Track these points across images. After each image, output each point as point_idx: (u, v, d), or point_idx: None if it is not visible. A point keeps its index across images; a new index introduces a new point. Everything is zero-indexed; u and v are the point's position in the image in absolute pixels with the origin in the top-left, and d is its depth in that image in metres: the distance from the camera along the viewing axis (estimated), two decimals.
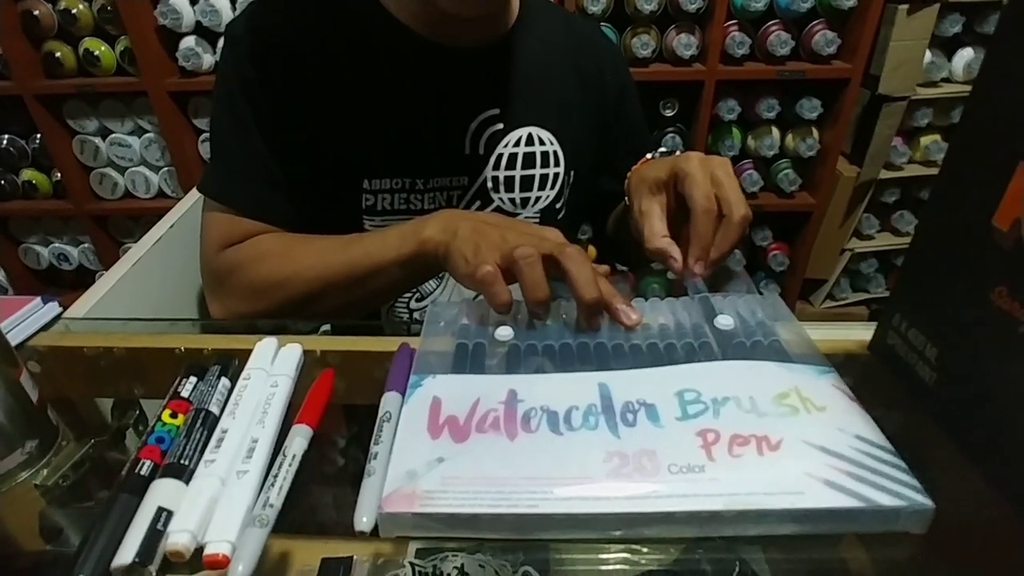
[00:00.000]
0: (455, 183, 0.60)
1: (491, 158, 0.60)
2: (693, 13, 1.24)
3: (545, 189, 0.63)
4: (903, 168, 1.46)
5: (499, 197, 0.62)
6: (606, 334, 0.40)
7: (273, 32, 0.55)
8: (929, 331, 0.36)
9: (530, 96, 0.61)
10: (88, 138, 1.40)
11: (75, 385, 0.46)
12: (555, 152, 0.62)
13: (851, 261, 1.61)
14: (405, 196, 0.59)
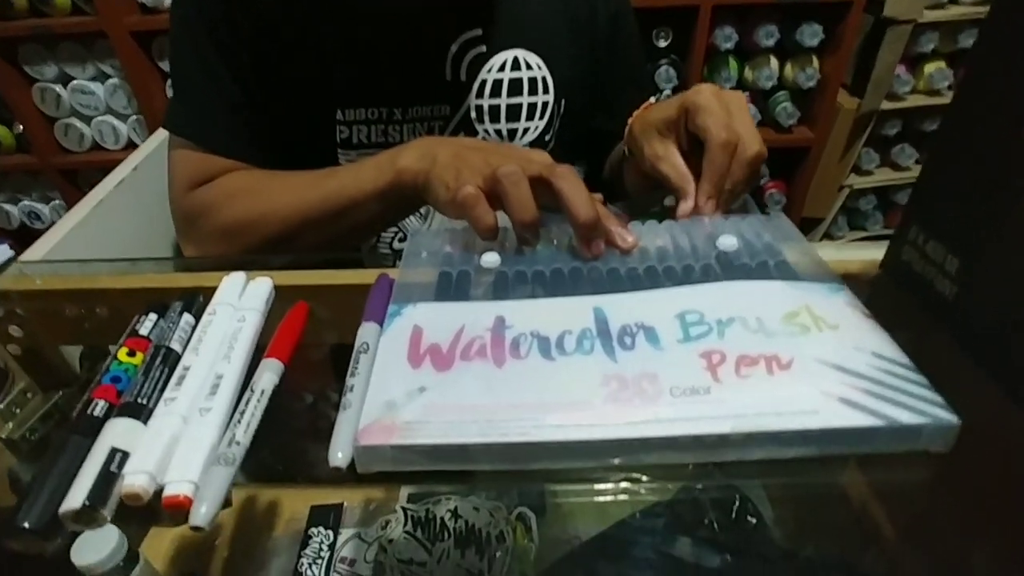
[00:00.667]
0: (436, 112, 0.56)
1: (474, 84, 0.56)
2: None
3: (533, 119, 0.59)
4: (905, 98, 1.40)
5: (484, 128, 0.58)
6: (600, 258, 0.37)
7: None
8: (950, 242, 0.33)
9: (516, 15, 0.56)
10: (48, 86, 1.32)
11: (33, 331, 0.43)
12: (543, 78, 0.58)
13: (849, 198, 1.58)
14: (383, 127, 0.55)
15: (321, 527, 0.49)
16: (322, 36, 0.52)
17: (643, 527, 0.46)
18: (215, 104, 0.53)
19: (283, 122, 0.55)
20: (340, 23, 0.52)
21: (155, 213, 0.62)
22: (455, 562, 0.46)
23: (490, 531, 0.48)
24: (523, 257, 0.38)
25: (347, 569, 0.47)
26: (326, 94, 0.54)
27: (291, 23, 0.52)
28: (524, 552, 0.47)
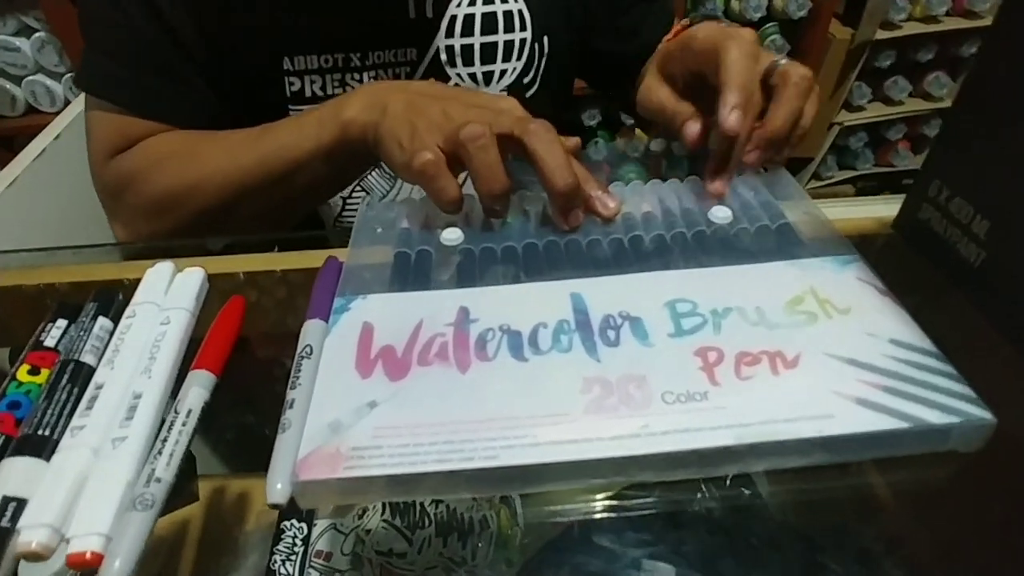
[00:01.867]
0: (401, 57, 0.50)
1: (442, 23, 0.50)
2: None
3: (511, 60, 0.53)
4: (901, 26, 1.32)
5: (456, 72, 0.52)
6: (580, 231, 0.33)
7: None
8: (980, 199, 0.29)
9: None
10: None
11: None
12: (520, 12, 0.52)
13: (840, 136, 1.52)
14: (339, 76, 0.49)
15: (294, 519, 0.46)
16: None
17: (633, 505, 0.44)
18: (135, 56, 0.45)
19: (222, 76, 0.48)
20: None
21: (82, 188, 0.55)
22: (436, 551, 0.43)
23: (472, 516, 0.45)
24: (491, 232, 0.33)
25: (323, 564, 0.44)
26: (271, 40, 0.47)
27: None
28: (509, 538, 0.44)
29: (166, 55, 0.45)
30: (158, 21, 0.44)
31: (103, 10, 0.45)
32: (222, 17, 0.45)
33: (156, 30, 0.44)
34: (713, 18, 0.47)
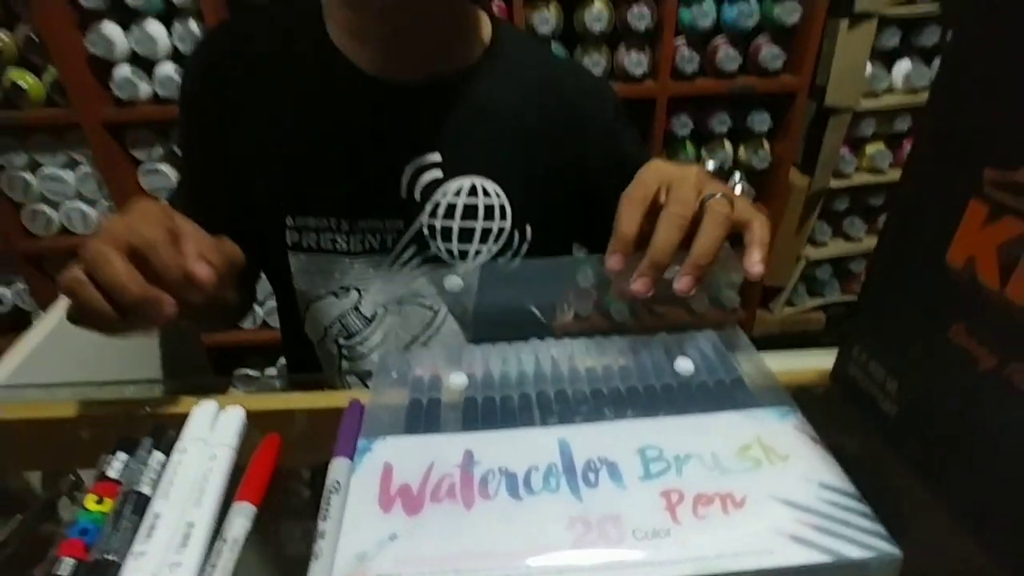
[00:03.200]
0: (388, 226, 0.56)
1: (427, 204, 0.56)
2: (642, 32, 1.25)
3: (487, 243, 0.58)
4: (851, 176, 1.50)
5: (436, 245, 0.57)
6: (567, 380, 0.39)
7: (217, 64, 0.56)
8: (889, 365, 0.36)
9: (479, 142, 0.56)
10: (17, 174, 1.32)
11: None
12: (501, 206, 0.57)
13: (807, 268, 1.65)
14: (331, 236, 0.56)
15: None
16: (284, 145, 0.55)
17: None
18: (187, 184, 0.62)
19: (241, 217, 0.57)
20: (298, 132, 0.55)
21: None
22: None
23: None
24: (491, 380, 0.39)
25: None
26: (278, 200, 0.56)
27: (260, 132, 0.55)
28: None
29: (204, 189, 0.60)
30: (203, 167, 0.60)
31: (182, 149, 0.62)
32: (246, 175, 0.56)
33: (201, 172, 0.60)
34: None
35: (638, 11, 1.22)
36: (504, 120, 0.57)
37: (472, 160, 0.56)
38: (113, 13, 1.19)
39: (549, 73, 0.59)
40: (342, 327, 0.61)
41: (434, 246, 0.57)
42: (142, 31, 1.18)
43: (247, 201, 0.57)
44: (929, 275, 0.31)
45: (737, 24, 1.26)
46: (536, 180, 0.58)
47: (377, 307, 0.60)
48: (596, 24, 1.22)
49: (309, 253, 0.57)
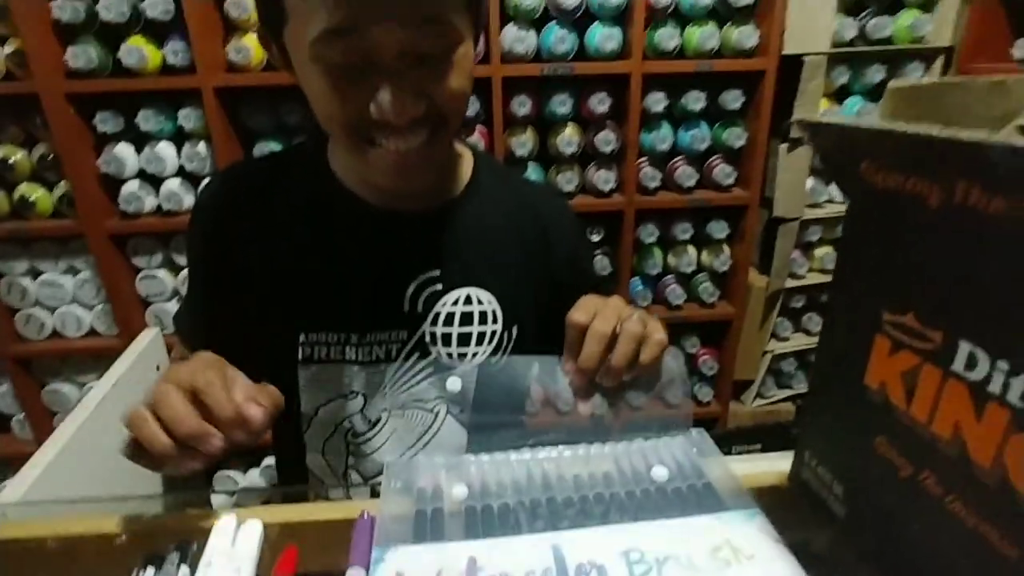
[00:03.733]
0: (393, 337, 0.62)
1: (429, 315, 0.62)
2: (609, 153, 1.40)
3: (482, 345, 0.64)
4: (805, 277, 1.63)
5: (436, 350, 0.63)
6: (557, 488, 0.43)
7: (229, 201, 0.63)
8: (834, 470, 0.41)
9: (471, 258, 0.63)
10: (17, 280, 1.36)
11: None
12: (493, 311, 0.64)
13: (773, 361, 1.73)
14: (341, 348, 0.61)
15: None
16: (297, 272, 0.61)
17: None
18: (194, 311, 0.67)
19: (250, 337, 0.62)
20: (310, 258, 0.61)
21: None
22: None
23: None
24: (489, 489, 0.44)
25: None
26: (293, 320, 0.61)
27: (273, 262, 0.61)
28: None
29: (212, 315, 0.65)
30: (212, 285, 0.65)
31: (190, 276, 0.68)
32: (259, 293, 0.62)
33: (210, 291, 0.65)
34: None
35: (604, 136, 1.37)
36: (490, 239, 0.64)
37: (466, 273, 0.63)
38: (128, 133, 1.28)
39: (523, 199, 0.68)
40: (350, 425, 0.65)
41: (434, 351, 0.63)
42: (153, 152, 1.28)
43: (257, 322, 0.62)
44: (853, 395, 0.38)
45: (692, 147, 1.41)
46: (519, 287, 0.66)
47: (381, 412, 0.64)
48: (568, 147, 1.36)
49: (320, 364, 0.62)
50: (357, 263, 0.61)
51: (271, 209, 0.62)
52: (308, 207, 0.62)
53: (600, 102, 1.34)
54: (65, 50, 1.18)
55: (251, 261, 0.62)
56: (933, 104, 0.39)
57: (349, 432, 0.65)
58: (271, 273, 0.62)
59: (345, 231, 0.61)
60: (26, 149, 1.30)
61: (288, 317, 0.61)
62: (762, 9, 1.32)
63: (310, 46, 0.46)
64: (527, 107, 1.33)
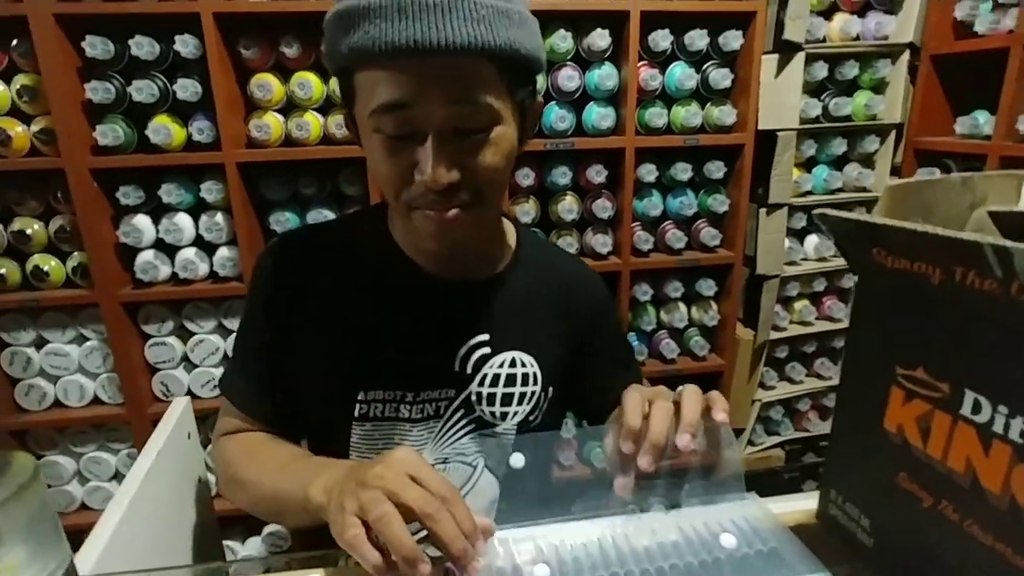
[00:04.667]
0: (443, 395, 0.67)
1: (477, 376, 0.67)
2: (606, 219, 1.50)
3: (523, 404, 0.69)
4: (786, 328, 1.73)
5: (481, 409, 0.68)
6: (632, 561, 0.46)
7: (291, 265, 0.68)
8: (860, 505, 0.47)
9: (516, 324, 0.69)
10: (20, 350, 1.36)
11: None
12: (534, 373, 0.69)
13: (762, 409, 1.81)
14: (395, 406, 0.66)
15: None
16: (357, 334, 0.66)
17: None
18: (247, 375, 0.69)
19: (310, 398, 0.67)
20: (369, 319, 0.66)
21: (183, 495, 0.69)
22: None
23: None
24: (567, 567, 0.46)
25: None
26: (353, 379, 0.65)
27: (333, 325, 0.66)
28: None
29: (267, 379, 0.68)
30: (270, 358, 0.67)
31: (242, 340, 0.71)
32: (319, 362, 0.66)
33: (266, 363, 0.68)
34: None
35: (601, 203, 1.48)
36: (533, 306, 0.70)
37: (512, 338, 0.68)
38: (147, 204, 1.33)
39: (561, 271, 0.75)
40: None
41: (479, 409, 0.68)
42: (171, 222, 1.32)
43: (317, 380, 0.67)
44: (874, 438, 0.44)
45: (680, 212, 1.53)
46: (556, 351, 0.72)
47: None
48: (568, 214, 1.46)
49: (374, 422, 0.66)
50: (414, 326, 0.67)
51: (334, 271, 0.67)
52: (370, 271, 0.67)
53: (597, 173, 1.44)
54: (93, 128, 1.24)
55: (314, 320, 0.66)
56: (919, 196, 0.48)
57: None
58: (333, 332, 0.66)
59: (404, 295, 0.67)
60: (43, 221, 1.33)
61: (349, 375, 0.65)
62: (739, 91, 1.47)
63: (369, 119, 0.54)
64: (531, 178, 1.43)
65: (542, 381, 0.70)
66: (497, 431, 0.69)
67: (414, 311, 0.67)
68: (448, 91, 0.51)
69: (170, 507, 0.77)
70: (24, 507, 0.36)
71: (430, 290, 0.67)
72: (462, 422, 0.68)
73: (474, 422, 0.68)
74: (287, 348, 0.67)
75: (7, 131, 1.22)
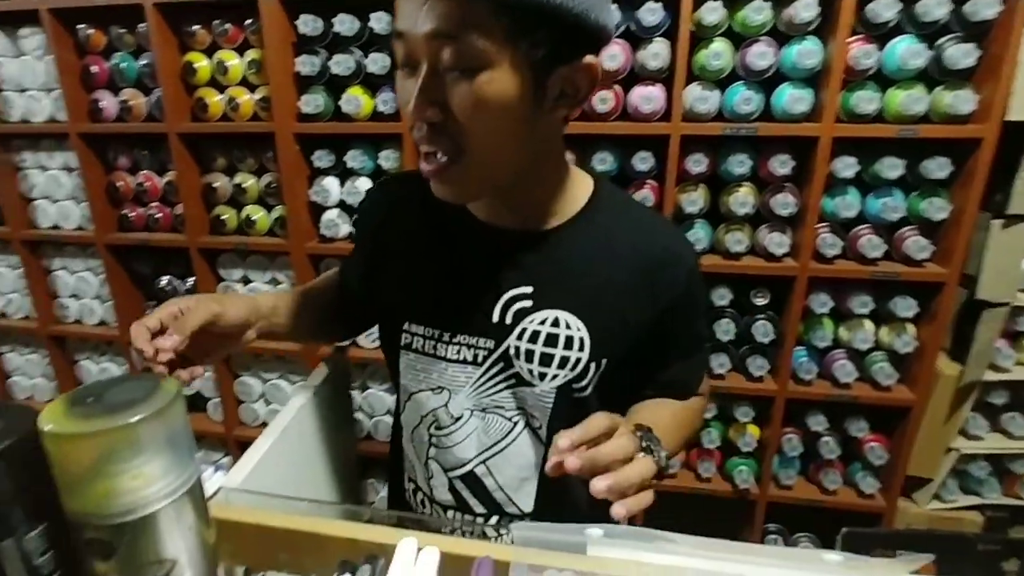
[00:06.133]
0: (480, 343, 0.67)
1: (516, 328, 0.66)
2: (786, 217, 1.33)
3: (564, 369, 0.65)
4: (1011, 370, 1.40)
5: (519, 364, 0.66)
6: None
7: (379, 205, 0.78)
8: None
9: (567, 284, 0.65)
10: (232, 285, 1.63)
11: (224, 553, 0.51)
12: (581, 339, 0.65)
13: (959, 461, 1.50)
14: (433, 343, 0.69)
15: None
16: (410, 269, 0.71)
17: None
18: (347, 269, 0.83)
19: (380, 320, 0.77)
20: (422, 259, 0.71)
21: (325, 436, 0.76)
22: None
23: None
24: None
25: None
26: (400, 309, 0.71)
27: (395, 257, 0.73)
28: None
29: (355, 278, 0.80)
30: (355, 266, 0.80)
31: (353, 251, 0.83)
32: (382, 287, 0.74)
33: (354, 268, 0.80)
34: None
35: (782, 198, 1.30)
36: (589, 271, 0.65)
37: (559, 297, 0.65)
38: (336, 168, 1.49)
39: (639, 237, 0.67)
40: (434, 419, 0.71)
41: (517, 365, 0.66)
42: (353, 185, 1.47)
43: (378, 306, 0.75)
44: None
45: (881, 216, 1.29)
46: (615, 323, 0.66)
47: (464, 410, 0.69)
48: (741, 208, 1.32)
49: (416, 353, 0.70)
50: (458, 269, 0.68)
51: (406, 212, 0.73)
52: (431, 213, 0.70)
53: (782, 164, 1.28)
54: (299, 97, 1.40)
55: (385, 254, 0.74)
56: None
57: (433, 424, 0.71)
58: (395, 267, 0.72)
59: (454, 239, 0.69)
60: (256, 176, 1.56)
61: (397, 306, 0.71)
62: (984, 72, 1.19)
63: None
64: (703, 165, 1.32)
65: (591, 349, 0.65)
66: (535, 391, 0.66)
67: (460, 255, 0.68)
68: (433, 23, 0.51)
69: (317, 442, 0.85)
70: (164, 426, 0.40)
71: (476, 236, 0.67)
72: (501, 376, 0.67)
73: (513, 377, 0.67)
74: (365, 271, 0.76)
75: (236, 99, 1.44)
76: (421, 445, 0.73)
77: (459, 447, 0.70)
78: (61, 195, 1.68)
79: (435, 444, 0.72)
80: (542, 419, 0.68)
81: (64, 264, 1.76)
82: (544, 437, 0.69)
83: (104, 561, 0.39)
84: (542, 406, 0.67)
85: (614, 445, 0.51)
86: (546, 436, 0.68)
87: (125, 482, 0.38)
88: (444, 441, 0.71)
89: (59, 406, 0.39)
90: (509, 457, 0.69)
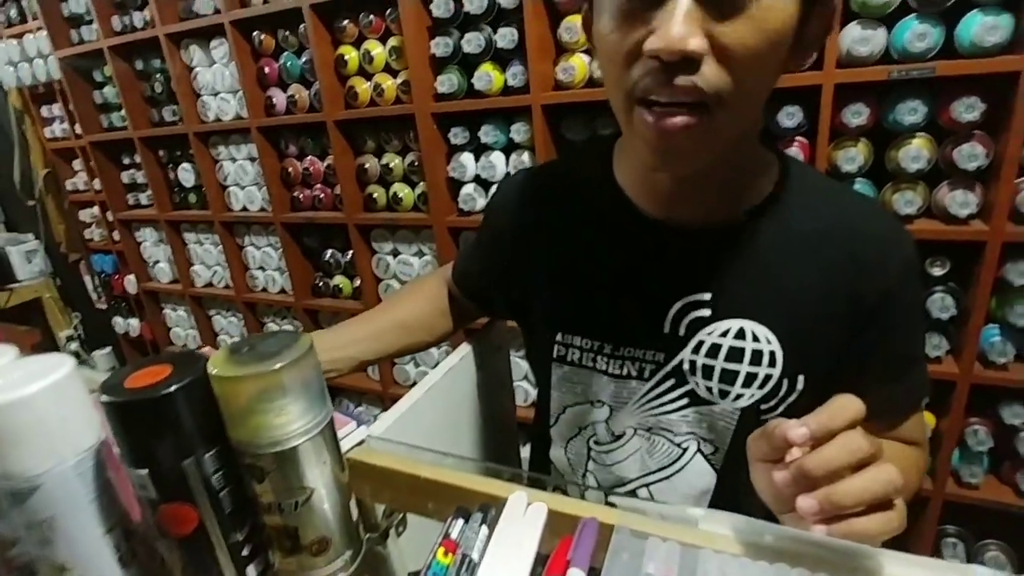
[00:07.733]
0: (648, 357, 0.59)
1: (691, 341, 0.57)
2: (972, 171, 1.13)
3: (751, 388, 0.56)
4: None
5: (695, 381, 0.58)
6: None
7: (514, 202, 0.69)
8: None
9: (753, 287, 0.56)
10: (384, 257, 1.78)
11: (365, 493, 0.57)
12: (771, 352, 0.55)
13: None
14: (592, 355, 0.61)
15: None
16: (563, 272, 0.63)
17: None
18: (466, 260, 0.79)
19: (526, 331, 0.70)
20: (579, 261, 0.62)
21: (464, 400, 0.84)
22: None
23: None
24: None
25: None
26: (551, 317, 0.63)
27: (544, 257, 0.65)
28: None
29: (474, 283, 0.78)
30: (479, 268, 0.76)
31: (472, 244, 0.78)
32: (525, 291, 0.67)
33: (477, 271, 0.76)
34: None
35: (968, 149, 1.10)
36: (783, 268, 0.55)
37: (744, 303, 0.56)
38: (471, 144, 1.55)
39: (839, 223, 0.56)
40: (593, 433, 0.65)
41: (692, 382, 0.58)
42: (487, 160, 1.52)
43: (524, 315, 0.69)
44: None
45: None
46: (814, 331, 0.55)
47: (626, 427, 0.63)
48: (914, 163, 1.15)
49: (571, 366, 0.63)
50: (622, 274, 0.59)
51: (554, 211, 0.65)
52: (587, 211, 0.63)
53: (968, 108, 1.09)
54: (435, 78, 1.47)
55: (531, 257, 0.66)
56: None
57: (592, 439, 0.66)
58: (544, 271, 0.65)
59: (616, 240, 0.60)
60: (401, 156, 1.67)
61: (548, 315, 0.64)
62: None
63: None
64: (863, 116, 1.16)
65: (784, 365, 0.55)
66: (715, 410, 0.58)
67: (623, 258, 0.59)
68: None
69: (468, 403, 0.88)
70: (301, 372, 0.46)
71: (645, 236, 0.58)
72: (673, 393, 0.59)
73: (688, 396, 0.59)
74: (495, 272, 0.71)
75: (381, 85, 1.55)
76: (578, 458, 0.67)
77: (619, 466, 0.64)
78: (247, 181, 1.95)
79: (594, 459, 0.66)
80: (720, 444, 0.59)
81: (252, 241, 2.06)
82: (718, 464, 0.61)
83: (259, 483, 0.46)
84: (722, 428, 0.58)
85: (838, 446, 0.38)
86: (721, 464, 0.60)
87: (272, 418, 0.45)
88: (604, 458, 0.65)
89: (223, 354, 0.46)
90: (676, 484, 0.62)
